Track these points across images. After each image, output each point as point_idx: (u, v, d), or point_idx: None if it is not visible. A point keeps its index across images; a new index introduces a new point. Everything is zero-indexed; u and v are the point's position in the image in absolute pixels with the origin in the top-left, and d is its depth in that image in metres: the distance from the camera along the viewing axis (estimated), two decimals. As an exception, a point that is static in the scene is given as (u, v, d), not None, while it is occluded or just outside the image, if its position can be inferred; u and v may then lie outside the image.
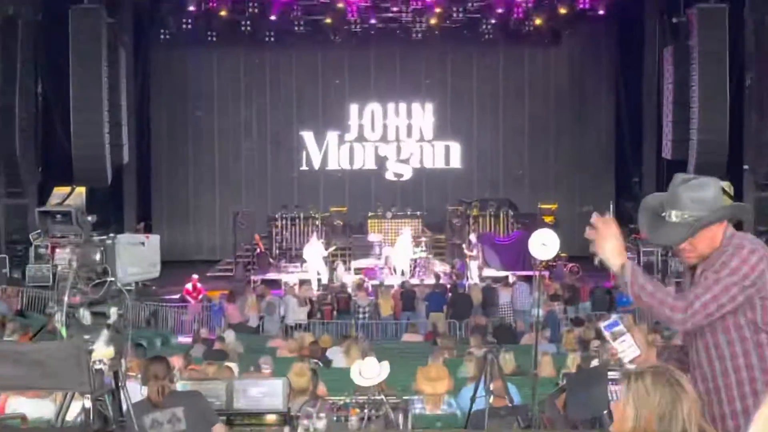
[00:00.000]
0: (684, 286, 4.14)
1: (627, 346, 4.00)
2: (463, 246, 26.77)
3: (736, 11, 25.22)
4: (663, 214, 3.94)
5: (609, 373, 6.63)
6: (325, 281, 25.46)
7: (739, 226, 4.14)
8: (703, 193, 3.90)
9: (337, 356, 14.42)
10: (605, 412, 6.48)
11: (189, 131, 33.71)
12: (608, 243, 3.99)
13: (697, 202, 3.88)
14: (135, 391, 6.69)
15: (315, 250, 25.89)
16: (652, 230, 3.99)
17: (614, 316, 4.07)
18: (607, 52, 33.54)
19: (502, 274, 26.01)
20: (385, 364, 8.05)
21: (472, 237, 26.60)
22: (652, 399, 3.09)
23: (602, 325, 4.07)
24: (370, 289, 24.36)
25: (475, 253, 26.00)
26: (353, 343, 14.39)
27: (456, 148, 33.88)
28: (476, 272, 25.60)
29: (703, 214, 3.86)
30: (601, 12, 30.99)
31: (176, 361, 11.17)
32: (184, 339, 20.36)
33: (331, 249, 27.28)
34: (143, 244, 5.27)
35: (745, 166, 25.76)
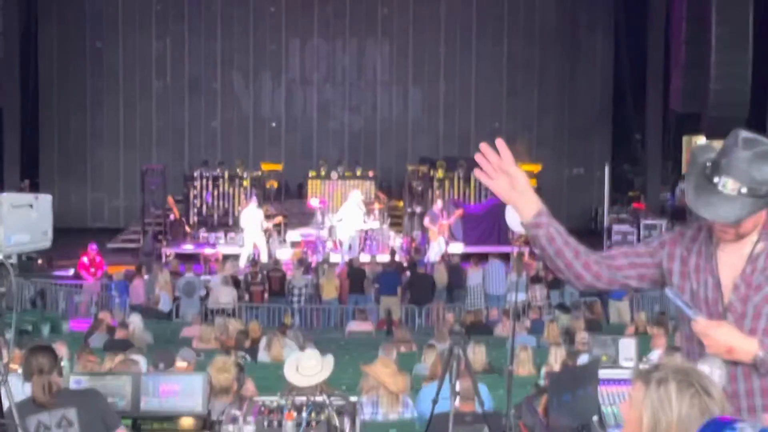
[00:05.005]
0: (701, 268, 4.15)
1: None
2: (426, 220, 26.64)
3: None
4: (715, 181, 3.85)
5: (601, 371, 6.72)
6: (265, 258, 25.36)
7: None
8: None
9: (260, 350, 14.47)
10: (595, 418, 6.58)
11: (86, 67, 33.36)
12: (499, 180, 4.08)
13: (762, 175, 3.81)
14: (19, 387, 6.69)
15: (254, 217, 25.77)
16: (699, 199, 3.90)
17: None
18: (606, -21, 33.73)
19: (472, 250, 26.12)
20: (329, 359, 8.09)
21: (438, 204, 26.58)
22: (675, 408, 3.15)
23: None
24: (310, 265, 24.36)
25: (436, 227, 25.91)
26: (275, 336, 14.38)
27: (418, 94, 33.89)
28: (439, 251, 25.60)
29: (761, 189, 3.82)
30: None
31: (66, 350, 11.16)
32: (79, 324, 20.28)
33: (276, 219, 27.22)
34: (31, 206, 5.23)
35: (771, 123, 26.04)
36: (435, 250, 25.63)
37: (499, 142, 3.98)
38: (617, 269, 4.22)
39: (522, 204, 4.08)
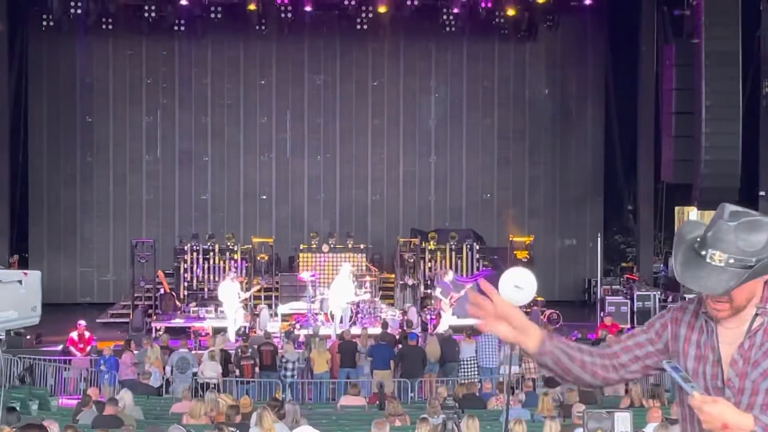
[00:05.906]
0: (698, 344, 4.14)
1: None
2: (437, 293, 26.34)
3: (752, 2, 25.55)
4: (703, 253, 3.87)
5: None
6: (244, 329, 25.32)
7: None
8: (757, 235, 3.83)
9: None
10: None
11: (77, 141, 33.38)
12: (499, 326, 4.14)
13: (748, 246, 3.82)
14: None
15: (230, 290, 25.75)
16: (687, 272, 3.90)
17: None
18: (595, 51, 33.88)
19: (465, 322, 25.99)
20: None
21: (449, 276, 26.28)
22: None
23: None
24: (301, 339, 24.26)
25: (448, 300, 25.60)
26: (266, 411, 14.25)
27: (409, 165, 33.96)
28: (449, 322, 25.34)
29: (751, 260, 3.81)
30: (587, 1, 31.36)
31: (57, 428, 11.08)
32: (68, 401, 20.16)
33: (254, 290, 27.19)
34: (20, 282, 5.21)
35: (762, 193, 26.06)
36: (445, 321, 25.48)
37: (484, 285, 4.09)
38: (622, 366, 4.25)
39: (524, 339, 4.17)
